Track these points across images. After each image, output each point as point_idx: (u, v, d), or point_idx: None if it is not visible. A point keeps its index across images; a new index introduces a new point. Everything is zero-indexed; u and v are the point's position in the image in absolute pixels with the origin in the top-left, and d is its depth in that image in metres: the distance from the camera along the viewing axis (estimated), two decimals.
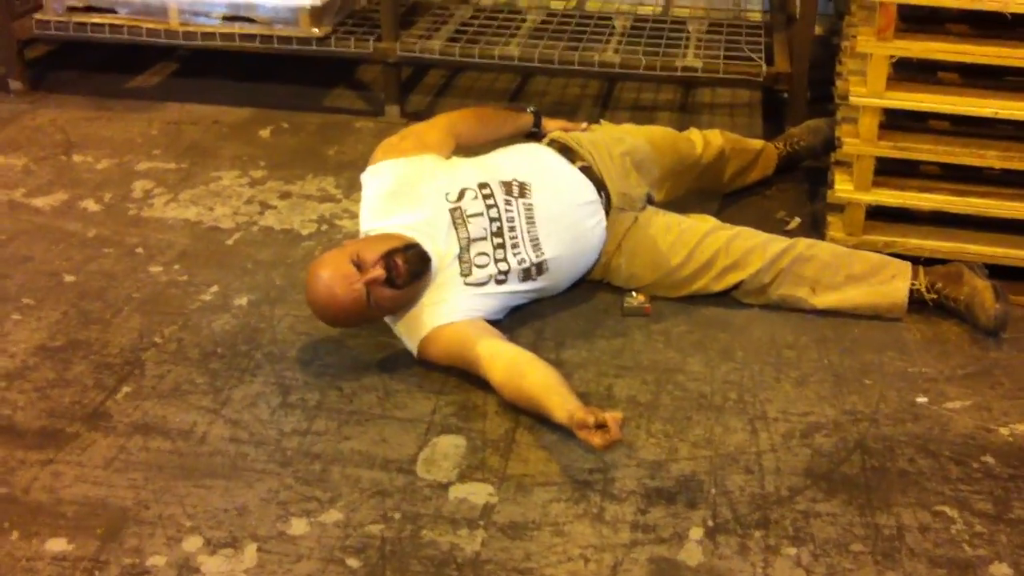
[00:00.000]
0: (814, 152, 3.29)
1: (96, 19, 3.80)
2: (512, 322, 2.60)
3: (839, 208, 2.86)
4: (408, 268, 2.35)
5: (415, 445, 2.24)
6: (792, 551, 1.99)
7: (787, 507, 2.09)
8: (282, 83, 4.08)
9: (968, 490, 2.13)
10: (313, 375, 2.45)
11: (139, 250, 2.95)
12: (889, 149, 2.74)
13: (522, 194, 2.56)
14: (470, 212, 2.50)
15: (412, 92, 4.03)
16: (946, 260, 2.72)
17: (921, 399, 2.39)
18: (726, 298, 2.70)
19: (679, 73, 3.56)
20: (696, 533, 2.02)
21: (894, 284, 2.64)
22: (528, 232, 2.53)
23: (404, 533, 2.02)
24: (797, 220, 3.10)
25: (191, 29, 3.75)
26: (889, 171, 2.82)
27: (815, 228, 3.01)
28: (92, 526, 2.03)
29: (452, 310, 2.44)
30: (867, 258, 2.69)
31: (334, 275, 2.32)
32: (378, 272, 2.31)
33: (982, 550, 1.99)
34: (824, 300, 2.65)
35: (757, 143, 3.23)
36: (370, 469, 2.17)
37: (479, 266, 2.48)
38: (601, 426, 2.03)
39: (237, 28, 3.73)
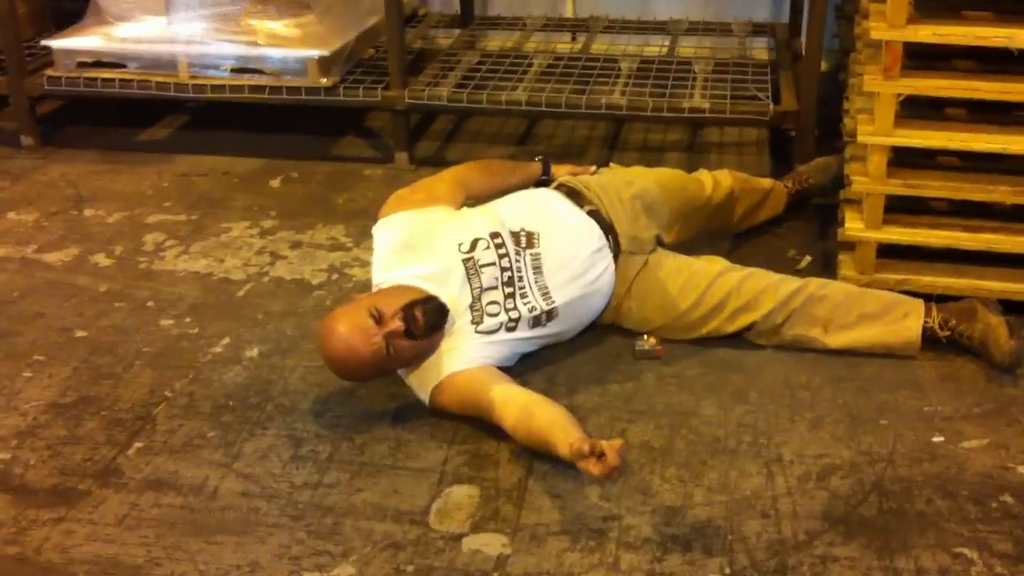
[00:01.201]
0: (824, 190, 3.28)
1: (106, 74, 3.84)
2: (524, 368, 2.59)
3: (850, 246, 2.85)
4: (426, 320, 2.36)
5: (428, 496, 2.22)
6: None
7: (805, 552, 2.06)
8: (291, 133, 4.10)
9: (987, 530, 2.10)
10: (324, 426, 2.44)
11: (150, 304, 2.96)
12: (899, 187, 2.74)
13: (530, 244, 2.57)
14: (483, 262, 2.50)
15: (421, 139, 4.05)
16: (959, 296, 2.70)
17: (937, 438, 2.36)
18: (738, 339, 2.69)
19: (686, 114, 3.57)
20: None
21: (907, 322, 2.62)
22: (536, 282, 2.53)
23: None
24: (808, 259, 3.09)
25: (200, 82, 3.79)
26: (899, 208, 2.81)
27: (826, 266, 2.99)
28: None
29: (463, 358, 2.43)
30: (880, 297, 2.67)
31: (353, 329, 2.31)
32: (397, 325, 2.31)
33: None
34: (837, 340, 2.64)
35: (766, 182, 3.23)
36: (382, 521, 2.15)
37: (491, 315, 2.48)
38: (600, 455, 2.02)
39: (246, 80, 3.77)
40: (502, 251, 2.53)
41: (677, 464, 2.30)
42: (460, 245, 2.52)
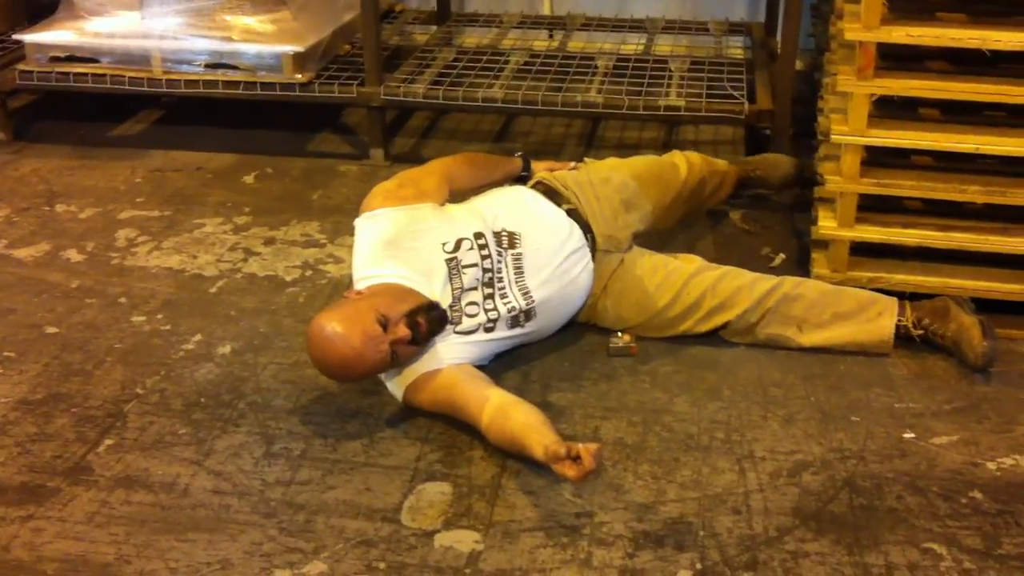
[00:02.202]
0: (768, 185, 3.36)
1: (79, 69, 3.81)
2: (498, 365, 2.58)
3: (824, 244, 2.86)
4: (429, 328, 2.35)
5: (400, 493, 2.22)
6: None
7: (776, 548, 2.07)
8: (266, 129, 4.08)
9: (956, 526, 2.11)
10: (297, 424, 2.43)
11: (122, 300, 2.94)
12: (872, 186, 2.75)
13: (511, 244, 2.56)
14: (465, 263, 2.48)
15: (397, 135, 4.04)
16: (933, 294, 2.72)
17: (908, 435, 2.38)
18: (713, 337, 2.70)
19: (662, 112, 3.58)
20: None
21: (880, 321, 2.63)
22: (516, 282, 2.53)
23: None
24: (782, 256, 3.10)
25: (174, 77, 3.76)
26: (872, 207, 2.82)
27: (800, 264, 3.01)
28: None
29: (440, 357, 2.42)
30: (854, 295, 2.68)
31: (360, 335, 2.26)
32: (405, 332, 2.29)
33: None
34: (811, 338, 2.65)
35: (722, 163, 3.28)
36: (355, 519, 2.15)
37: (469, 315, 2.48)
38: (576, 458, 2.02)
39: (220, 75, 3.74)
40: (485, 252, 2.52)
41: (650, 461, 2.31)
42: (444, 245, 2.49)
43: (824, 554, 2.05)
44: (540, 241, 2.60)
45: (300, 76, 3.72)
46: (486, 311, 2.49)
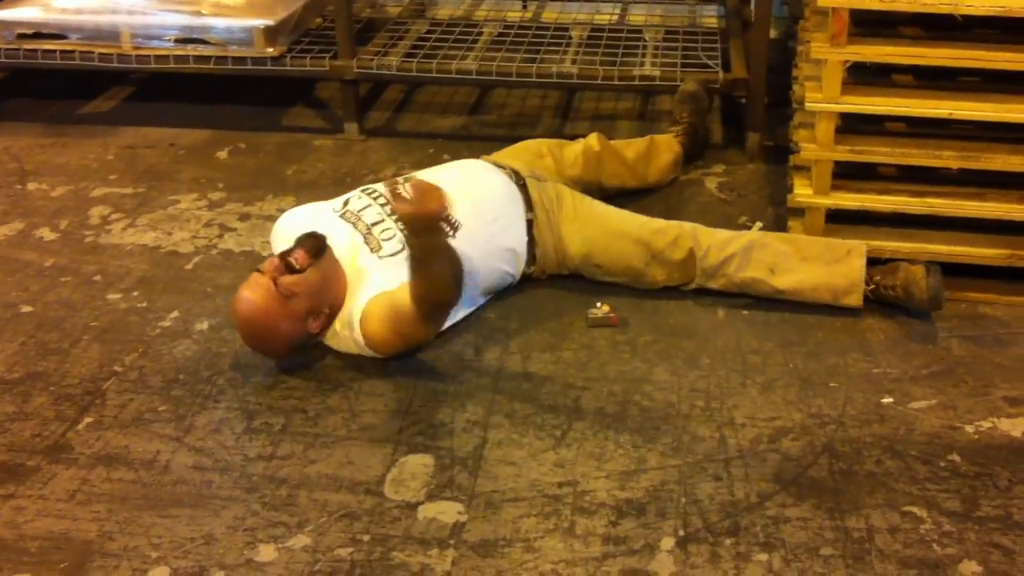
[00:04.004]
0: (703, 109, 3.47)
1: (47, 45, 3.76)
2: (477, 337, 2.59)
3: (800, 212, 2.87)
4: (302, 248, 2.45)
5: (382, 466, 2.22)
6: (763, 557, 1.98)
7: (757, 513, 2.08)
8: (239, 104, 4.05)
9: (936, 489, 2.13)
10: (277, 398, 2.43)
11: (97, 278, 2.92)
12: (846, 153, 2.76)
13: (407, 179, 2.60)
14: (358, 208, 2.65)
15: (371, 108, 4.02)
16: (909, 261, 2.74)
17: (886, 400, 2.39)
18: (691, 306, 2.71)
19: (637, 82, 3.57)
20: (667, 543, 2.01)
21: (850, 261, 2.67)
22: None
23: (374, 556, 2.00)
24: (759, 224, 3.10)
25: (144, 53, 3.72)
26: (847, 174, 2.83)
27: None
28: (56, 561, 1.99)
29: (376, 283, 2.48)
30: (820, 240, 2.76)
31: (245, 287, 2.42)
32: (275, 262, 2.43)
33: (951, 549, 1.99)
34: (784, 281, 2.68)
35: (644, 138, 3.33)
36: (337, 492, 2.15)
37: (387, 239, 2.56)
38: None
39: (191, 50, 3.70)
40: (375, 195, 2.67)
41: (631, 430, 2.32)
42: (334, 209, 2.69)
43: (805, 519, 2.07)
44: (439, 171, 2.79)
45: (271, 50, 3.68)
46: (400, 229, 2.50)
